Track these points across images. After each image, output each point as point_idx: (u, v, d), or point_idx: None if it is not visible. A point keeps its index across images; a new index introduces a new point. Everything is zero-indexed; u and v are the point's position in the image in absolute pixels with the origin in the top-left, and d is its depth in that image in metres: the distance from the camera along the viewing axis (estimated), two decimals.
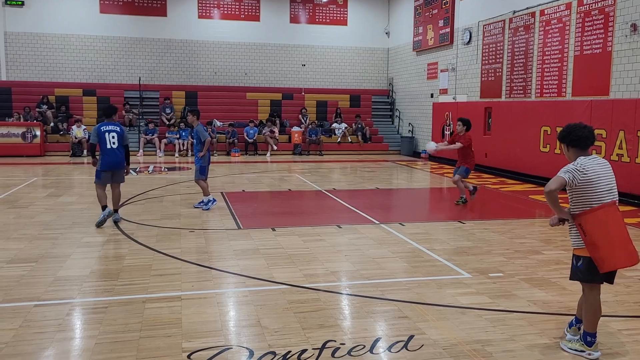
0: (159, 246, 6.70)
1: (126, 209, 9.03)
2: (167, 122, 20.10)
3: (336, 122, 21.47)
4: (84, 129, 18.33)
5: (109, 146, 7.86)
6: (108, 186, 8.03)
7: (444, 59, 18.58)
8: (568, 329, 4.18)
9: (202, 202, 9.26)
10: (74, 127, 18.43)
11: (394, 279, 5.68)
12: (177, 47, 21.66)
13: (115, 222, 8.01)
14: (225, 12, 21.93)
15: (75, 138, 18.14)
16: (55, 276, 5.51)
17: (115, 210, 8.12)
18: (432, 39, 19.08)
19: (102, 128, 7.92)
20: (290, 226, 8.00)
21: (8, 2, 20.02)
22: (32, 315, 4.50)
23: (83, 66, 20.92)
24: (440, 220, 8.76)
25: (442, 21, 18.37)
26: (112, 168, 7.93)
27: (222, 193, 10.71)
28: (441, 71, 18.78)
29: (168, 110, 20.51)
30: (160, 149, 18.94)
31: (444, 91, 18.65)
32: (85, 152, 17.95)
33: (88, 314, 4.60)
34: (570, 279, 4.07)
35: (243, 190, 11.56)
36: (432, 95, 19.44)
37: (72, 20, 20.55)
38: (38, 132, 17.97)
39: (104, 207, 7.89)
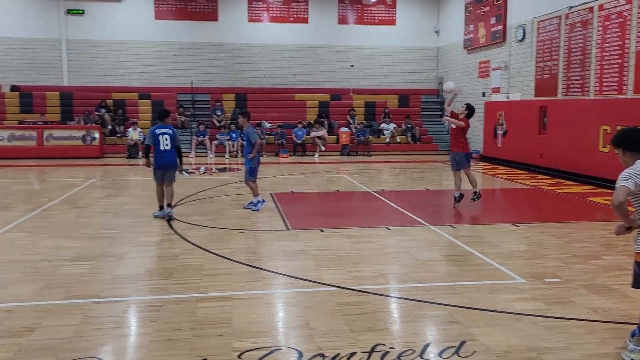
0: (210, 246, 6.84)
1: (178, 210, 9.27)
2: (218, 124, 20.51)
3: (384, 122, 21.33)
4: (139, 132, 18.93)
5: (162, 147, 8.38)
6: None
7: (496, 57, 18.14)
8: (630, 339, 3.99)
9: (252, 202, 9.39)
10: (129, 129, 19.08)
11: (444, 282, 5.58)
12: (228, 50, 22.06)
13: (169, 218, 8.36)
14: (274, 15, 22.17)
15: (131, 140, 18.77)
16: (113, 274, 5.71)
17: (169, 205, 8.56)
18: (484, 36, 18.66)
19: (156, 131, 8.46)
20: (339, 227, 8.00)
21: (69, 12, 20.95)
22: (91, 312, 4.68)
23: (139, 71, 21.62)
24: (493, 223, 8.55)
25: (494, 18, 17.94)
26: (163, 167, 8.44)
27: (271, 194, 10.83)
28: (493, 69, 18.33)
29: (219, 113, 20.93)
30: (211, 150, 19.35)
31: (496, 90, 18.20)
32: (140, 153, 18.54)
33: (143, 312, 4.74)
34: (633, 286, 3.89)
35: (292, 191, 11.64)
36: (483, 94, 19.01)
37: (129, 27, 21.28)
38: (97, 135, 18.70)
39: (161, 207, 8.52)
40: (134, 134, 18.85)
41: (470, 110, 9.62)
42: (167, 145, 8.37)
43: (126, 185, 12.91)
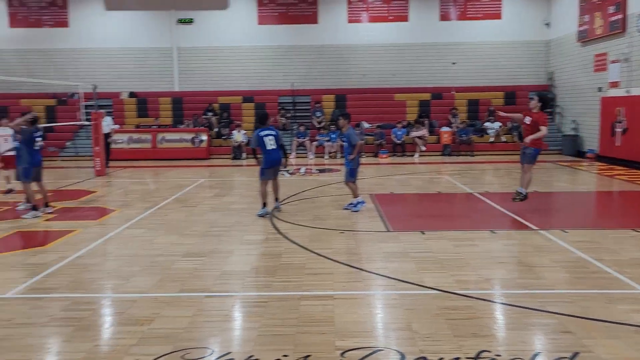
0: (311, 246, 6.99)
1: (281, 209, 9.55)
2: (318, 125, 20.87)
3: (489, 121, 20.56)
4: (243, 134, 19.75)
5: (269, 147, 9.01)
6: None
7: (614, 48, 16.82)
8: None
9: (352, 204, 9.47)
10: (234, 132, 19.96)
11: (555, 290, 5.29)
12: (328, 52, 22.38)
13: (275, 209, 9.20)
14: (374, 14, 22.16)
15: (236, 142, 19.63)
16: (222, 270, 6.02)
17: (276, 199, 9.39)
18: (601, 27, 17.38)
19: (260, 133, 9.00)
20: (440, 230, 7.84)
21: (180, 21, 22.34)
22: (203, 305, 4.97)
23: (242, 75, 22.56)
24: (610, 228, 7.95)
25: (613, 7, 16.65)
26: (273, 165, 9.19)
27: (370, 195, 10.84)
28: (611, 62, 17.02)
29: (318, 114, 21.30)
30: (311, 151, 19.73)
31: (614, 84, 16.89)
32: (244, 155, 19.36)
33: (250, 307, 4.96)
34: None
35: (391, 192, 11.58)
36: (600, 89, 17.70)
37: (234, 33, 22.28)
38: (204, 137, 19.77)
39: (264, 204, 8.97)
40: (238, 136, 19.68)
41: (544, 101, 9.10)
42: (272, 144, 9.03)
43: (232, 185, 13.53)
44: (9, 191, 11.31)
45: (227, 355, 3.96)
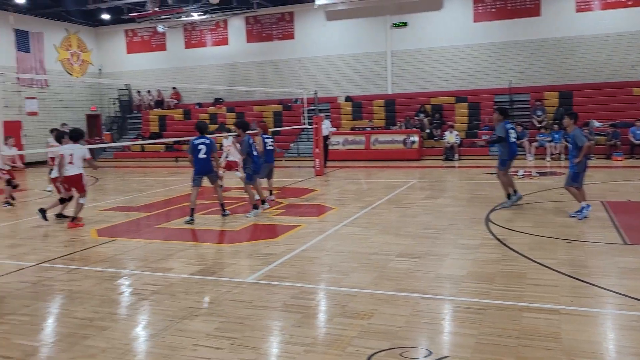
0: (533, 255, 6.55)
1: (497, 214, 9.15)
2: (538, 125, 19.46)
3: None
4: (455, 134, 19.38)
5: (511, 140, 9.70)
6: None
7: None
8: None
9: (578, 211, 8.62)
10: (446, 132, 19.70)
11: None
12: (551, 45, 20.73)
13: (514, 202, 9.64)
14: (608, 0, 19.83)
15: (448, 143, 19.35)
16: (437, 273, 6.00)
17: (515, 191, 9.78)
18: None
19: (507, 125, 9.72)
20: None
21: (394, 25, 22.87)
22: (419, 306, 5.02)
23: (455, 75, 22.16)
24: None
25: None
26: (513, 157, 9.86)
27: (602, 202, 9.73)
28: None
29: (539, 113, 19.85)
30: (530, 152, 18.47)
31: None
32: (456, 156, 19.01)
33: (467, 313, 4.85)
34: None
35: (628, 200, 10.24)
36: None
37: (448, 33, 22.01)
38: (416, 139, 19.91)
39: (509, 195, 9.73)
40: (451, 137, 19.38)
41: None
42: (514, 137, 9.75)
43: (444, 187, 13.39)
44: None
45: (445, 359, 3.94)
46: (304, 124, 18.39)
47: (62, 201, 9.87)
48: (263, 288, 5.69)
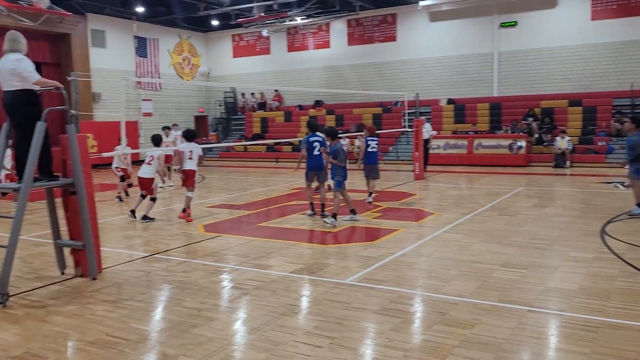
0: None
1: (615, 227, 8.49)
2: None
3: None
4: (567, 140, 18.24)
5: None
6: None
7: None
8: None
9: None
10: (557, 137, 18.59)
11: None
12: None
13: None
14: None
15: (559, 149, 18.25)
16: (545, 286, 5.67)
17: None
18: None
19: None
20: None
21: (502, 25, 21.95)
22: (525, 319, 4.77)
23: (569, 77, 20.85)
24: None
25: None
26: None
27: None
28: None
29: None
30: None
31: None
32: (567, 163, 17.88)
33: (578, 330, 4.53)
34: None
35: None
36: None
37: (561, 32, 20.77)
38: (523, 144, 18.96)
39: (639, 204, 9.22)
40: (562, 143, 18.27)
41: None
42: None
43: (553, 195, 12.64)
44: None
45: None
46: (404, 127, 18.18)
47: (143, 197, 10.31)
48: (361, 290, 5.68)
